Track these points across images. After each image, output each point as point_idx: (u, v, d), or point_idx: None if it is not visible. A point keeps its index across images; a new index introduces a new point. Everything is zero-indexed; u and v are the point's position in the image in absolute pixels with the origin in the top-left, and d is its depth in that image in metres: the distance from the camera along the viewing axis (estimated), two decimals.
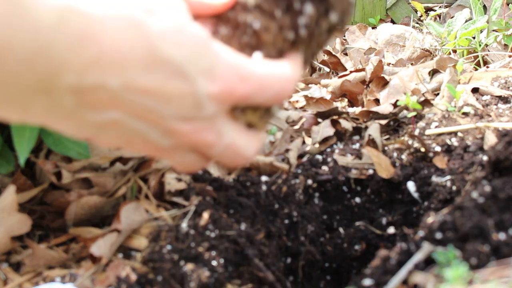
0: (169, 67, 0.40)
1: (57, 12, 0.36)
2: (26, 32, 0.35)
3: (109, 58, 0.38)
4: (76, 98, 0.39)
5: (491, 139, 0.95)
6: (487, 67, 1.43)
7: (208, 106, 0.43)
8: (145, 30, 0.39)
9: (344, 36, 2.14)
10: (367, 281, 0.57)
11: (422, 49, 1.67)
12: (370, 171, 1.01)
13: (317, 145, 1.08)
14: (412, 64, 1.60)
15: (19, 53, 0.36)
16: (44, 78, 0.37)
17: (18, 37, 0.35)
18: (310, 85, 1.51)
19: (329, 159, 1.03)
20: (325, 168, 1.02)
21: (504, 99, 1.14)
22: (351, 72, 1.49)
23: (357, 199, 1.02)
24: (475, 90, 1.19)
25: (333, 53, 1.81)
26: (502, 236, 0.55)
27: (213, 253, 0.77)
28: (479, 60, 1.48)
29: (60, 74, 0.37)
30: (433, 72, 1.39)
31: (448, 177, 0.93)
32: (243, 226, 0.83)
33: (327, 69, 1.73)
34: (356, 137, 1.13)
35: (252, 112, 0.48)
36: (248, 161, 0.50)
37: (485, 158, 0.90)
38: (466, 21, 1.53)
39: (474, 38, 1.52)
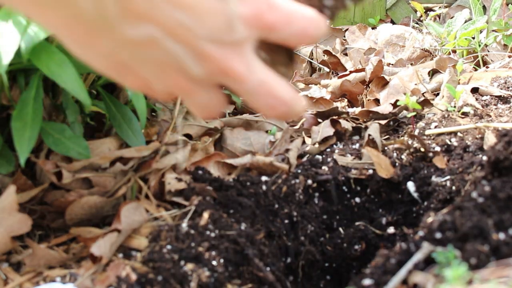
0: None
1: None
2: None
3: None
4: (119, 4, 0.38)
5: (490, 139, 0.96)
6: (487, 67, 1.43)
7: (239, 29, 0.43)
8: None
9: (344, 36, 2.14)
10: (367, 281, 0.57)
11: (422, 49, 1.67)
12: (370, 171, 1.01)
13: (317, 145, 1.08)
14: (412, 64, 1.60)
15: None
16: None
17: None
18: (310, 85, 1.51)
19: (329, 159, 1.04)
20: (325, 168, 1.02)
21: (504, 99, 1.14)
22: (351, 72, 1.50)
23: (357, 199, 1.02)
24: (474, 90, 1.19)
25: (333, 53, 1.81)
26: (501, 236, 0.55)
27: (213, 253, 0.77)
28: (478, 60, 1.48)
29: None
30: (433, 72, 1.39)
31: (448, 177, 0.94)
32: (243, 226, 0.84)
33: (327, 69, 1.73)
34: (356, 137, 1.13)
35: (276, 55, 0.47)
36: (288, 109, 0.47)
37: (484, 158, 0.90)
38: (465, 22, 1.53)
39: (473, 38, 1.52)
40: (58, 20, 0.39)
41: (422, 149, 1.01)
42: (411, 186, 0.98)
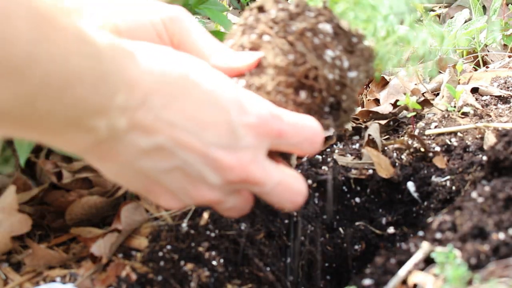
0: (205, 96, 0.45)
1: (110, 46, 0.42)
2: (91, 62, 0.40)
3: (152, 79, 0.43)
4: (127, 119, 0.43)
5: (490, 139, 0.96)
6: (487, 67, 1.43)
7: (245, 137, 0.47)
8: (182, 61, 0.46)
9: None
10: (367, 281, 0.57)
11: None
12: (370, 171, 1.01)
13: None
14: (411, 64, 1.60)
15: (86, 79, 0.40)
16: (103, 100, 0.42)
17: (86, 67, 0.40)
18: None
19: (329, 159, 1.04)
20: (325, 168, 1.02)
21: (504, 99, 1.14)
22: None
23: (357, 199, 1.02)
24: (474, 90, 1.19)
25: None
26: (501, 236, 0.55)
27: (213, 253, 0.77)
28: (478, 60, 1.48)
29: (114, 96, 0.42)
30: None
31: (448, 177, 0.94)
32: (243, 226, 0.84)
33: None
34: (356, 137, 1.13)
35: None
36: (304, 198, 0.52)
37: (484, 158, 0.90)
38: (465, 22, 1.53)
39: (473, 38, 1.52)
40: (78, 145, 0.44)
41: (422, 149, 1.01)
42: (411, 186, 0.98)
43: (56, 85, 0.39)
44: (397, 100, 1.19)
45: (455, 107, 1.13)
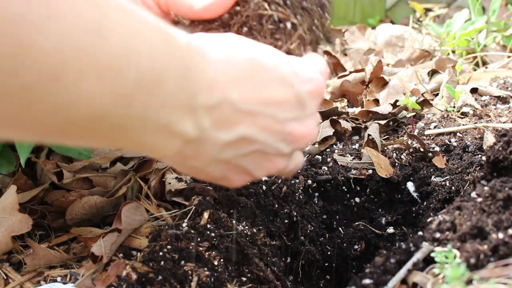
0: (271, 76, 0.48)
1: (191, 44, 0.43)
2: (175, 59, 0.41)
3: (226, 76, 0.45)
4: (210, 117, 0.44)
5: (490, 139, 0.96)
6: (486, 67, 1.44)
7: (309, 103, 0.51)
8: (248, 47, 0.48)
9: (344, 37, 2.14)
10: (367, 281, 0.57)
11: (421, 49, 1.67)
12: (370, 171, 1.01)
13: (317, 145, 1.08)
14: (411, 64, 1.60)
15: (173, 76, 0.41)
16: (187, 98, 0.43)
17: (172, 64, 0.41)
18: None
19: (328, 159, 1.04)
20: (325, 168, 1.02)
21: (503, 100, 1.14)
22: (350, 72, 1.50)
23: (357, 199, 1.02)
24: (474, 91, 1.19)
25: (333, 53, 1.82)
26: (501, 235, 0.55)
27: (213, 253, 0.77)
28: (478, 61, 1.48)
29: (197, 94, 0.43)
30: (432, 73, 1.39)
31: (447, 177, 0.94)
32: (243, 226, 0.84)
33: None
34: (356, 137, 1.14)
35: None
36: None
37: (484, 158, 0.90)
38: (465, 22, 1.53)
39: (473, 38, 1.52)
40: (167, 151, 0.46)
41: (422, 149, 1.01)
42: (410, 186, 0.98)
43: (150, 82, 0.39)
44: (396, 100, 1.20)
45: (454, 107, 1.13)
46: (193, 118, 0.44)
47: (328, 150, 1.09)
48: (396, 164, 1.01)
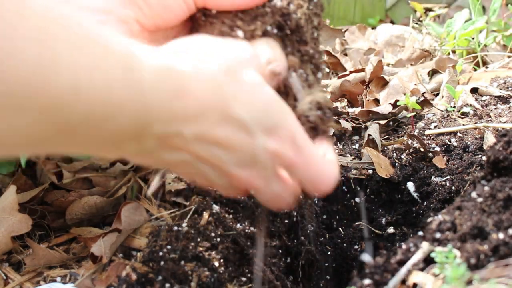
0: (237, 123, 0.46)
1: (157, 71, 0.41)
2: (134, 93, 0.40)
3: (190, 112, 0.44)
4: (158, 142, 0.45)
5: (490, 139, 0.96)
6: (486, 67, 1.43)
7: (263, 159, 0.49)
8: (223, 90, 0.46)
9: (344, 37, 2.14)
10: (367, 281, 0.57)
11: (422, 49, 1.67)
12: (370, 171, 1.01)
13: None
14: (411, 64, 1.60)
15: (128, 110, 0.40)
16: (140, 128, 0.42)
17: (128, 98, 0.39)
18: None
19: None
20: None
21: (503, 99, 1.14)
22: (350, 72, 1.49)
23: (357, 199, 1.02)
24: (474, 91, 1.19)
25: (333, 53, 1.82)
26: (501, 236, 0.55)
27: (213, 253, 0.77)
28: (478, 61, 1.48)
29: (152, 125, 0.42)
30: (433, 73, 1.39)
31: (448, 177, 0.94)
32: (243, 226, 0.84)
33: (327, 70, 1.73)
34: (356, 137, 1.14)
35: None
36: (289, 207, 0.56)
37: (484, 158, 0.90)
38: (465, 22, 1.53)
39: (473, 38, 1.52)
40: (114, 155, 0.49)
41: (422, 149, 1.01)
42: (410, 186, 0.98)
43: (98, 117, 0.38)
44: (396, 100, 1.19)
45: (454, 107, 1.13)
46: (138, 142, 0.44)
47: None
48: (396, 164, 1.01)
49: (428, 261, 0.57)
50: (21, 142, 0.36)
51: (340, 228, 0.99)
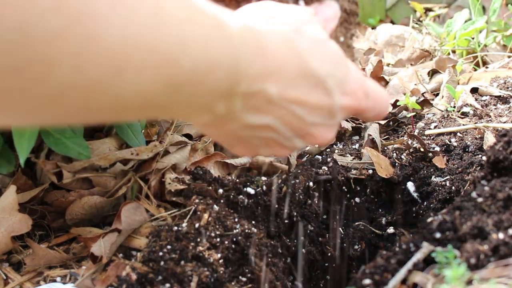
0: (314, 79, 0.48)
1: (240, 30, 0.43)
2: (228, 47, 0.41)
3: (271, 69, 0.45)
4: (243, 102, 0.46)
5: (490, 139, 0.96)
6: (486, 67, 1.43)
7: (339, 115, 0.52)
8: (297, 46, 0.47)
9: None
10: (367, 281, 0.57)
11: (422, 49, 1.67)
12: (370, 171, 1.01)
13: (317, 145, 1.08)
14: (411, 64, 1.60)
15: (224, 65, 0.41)
16: (231, 85, 0.43)
17: (224, 52, 0.41)
18: None
19: (328, 159, 1.04)
20: (325, 168, 1.02)
21: (503, 100, 1.14)
22: None
23: (357, 199, 1.02)
24: (474, 91, 1.19)
25: None
26: (501, 236, 0.55)
27: (213, 253, 0.77)
28: (478, 61, 1.48)
29: (240, 82, 0.44)
30: (433, 73, 1.39)
31: (448, 177, 0.94)
32: (243, 226, 0.84)
33: None
34: (356, 137, 1.14)
35: None
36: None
37: (484, 158, 0.90)
38: (465, 22, 1.53)
39: (473, 38, 1.52)
40: (204, 118, 0.48)
41: (422, 149, 1.01)
42: (410, 186, 0.98)
43: (201, 72, 0.39)
44: (397, 100, 1.19)
45: (454, 107, 1.13)
46: (228, 101, 0.45)
47: (328, 150, 1.09)
48: (396, 164, 1.01)
49: (428, 261, 0.57)
50: (138, 103, 0.37)
51: (340, 228, 0.99)
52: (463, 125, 1.05)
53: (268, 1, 0.52)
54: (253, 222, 0.87)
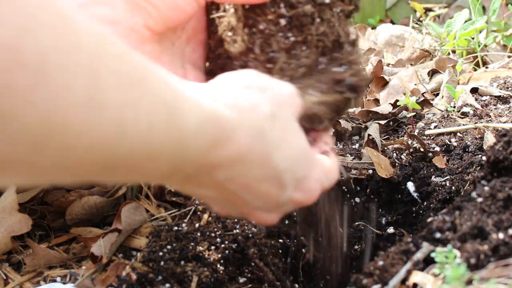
0: (272, 172, 0.47)
1: (200, 118, 0.40)
2: (175, 138, 0.39)
3: (228, 159, 0.44)
4: (188, 179, 0.45)
5: (490, 139, 0.96)
6: (486, 67, 1.43)
7: (286, 207, 0.52)
8: (266, 138, 0.45)
9: None
10: (367, 281, 0.57)
11: (422, 49, 1.67)
12: (370, 171, 1.01)
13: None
14: (411, 64, 1.60)
15: (167, 154, 0.39)
16: (172, 170, 0.42)
17: (169, 143, 0.39)
18: None
19: None
20: None
21: (503, 99, 1.14)
22: None
23: (357, 199, 1.02)
24: (474, 91, 1.19)
25: None
26: (501, 236, 0.55)
27: (213, 253, 0.77)
28: (478, 61, 1.48)
29: (186, 168, 0.42)
30: (433, 73, 1.39)
31: (448, 177, 0.94)
32: (243, 226, 0.84)
33: None
34: (356, 137, 1.14)
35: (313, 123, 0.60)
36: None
37: (484, 158, 0.90)
38: (465, 22, 1.53)
39: (473, 38, 1.52)
40: (149, 182, 0.52)
41: (422, 149, 1.01)
42: (410, 186, 0.98)
43: (139, 156, 0.37)
44: (397, 100, 1.19)
45: (454, 107, 1.13)
46: (170, 179, 0.45)
47: None
48: (396, 164, 1.01)
49: (428, 261, 0.57)
50: (65, 176, 0.36)
51: (340, 228, 0.99)
52: (463, 125, 1.05)
53: (250, 71, 0.50)
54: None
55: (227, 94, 0.45)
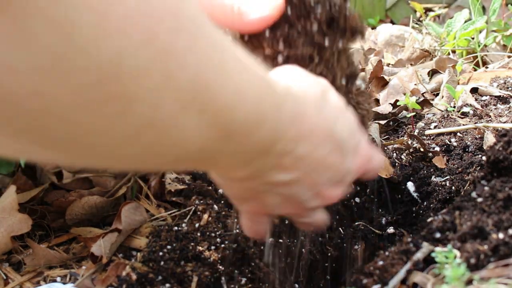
0: (336, 143, 0.51)
1: (283, 93, 0.45)
2: (275, 107, 0.43)
3: (304, 132, 0.48)
4: (275, 161, 0.47)
5: (490, 139, 0.96)
6: (486, 67, 1.43)
7: (348, 177, 0.56)
8: (324, 112, 0.50)
9: None
10: (367, 281, 0.57)
11: (422, 49, 1.67)
12: None
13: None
14: (411, 64, 1.60)
15: (269, 123, 0.43)
16: (270, 144, 0.45)
17: (271, 111, 0.43)
18: None
19: None
20: None
21: (503, 100, 1.14)
22: None
23: (357, 199, 1.02)
24: (474, 91, 1.19)
25: None
26: (501, 236, 0.55)
27: (213, 253, 0.77)
28: (478, 61, 1.48)
29: (277, 143, 0.45)
30: (433, 73, 1.39)
31: (447, 177, 0.94)
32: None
33: None
34: None
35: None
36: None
37: (484, 158, 0.90)
38: (465, 22, 1.53)
39: (473, 38, 1.52)
40: (238, 173, 0.49)
41: (422, 149, 1.01)
42: (410, 186, 0.98)
43: (250, 124, 0.40)
44: (396, 100, 1.19)
45: (454, 107, 1.13)
46: (263, 159, 0.46)
47: None
48: (396, 164, 1.01)
49: (428, 261, 0.57)
50: (193, 150, 0.38)
51: (340, 228, 0.99)
52: (463, 125, 1.05)
53: (293, 66, 0.53)
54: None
55: (287, 78, 0.50)
